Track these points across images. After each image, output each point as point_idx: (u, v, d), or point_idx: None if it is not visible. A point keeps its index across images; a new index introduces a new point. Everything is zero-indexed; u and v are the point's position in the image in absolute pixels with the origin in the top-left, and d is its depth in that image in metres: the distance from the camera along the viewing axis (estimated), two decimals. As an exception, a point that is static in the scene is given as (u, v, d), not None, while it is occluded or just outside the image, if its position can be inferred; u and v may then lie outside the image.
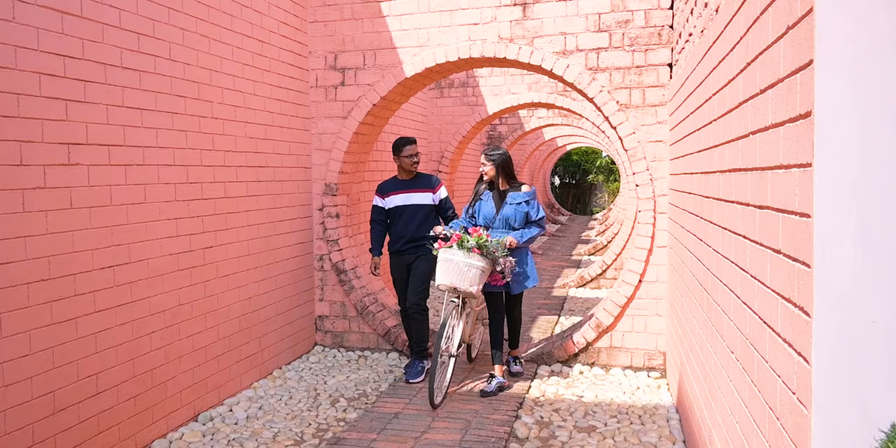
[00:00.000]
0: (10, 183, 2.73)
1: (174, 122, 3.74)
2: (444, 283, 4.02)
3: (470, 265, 3.97)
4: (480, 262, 4.00)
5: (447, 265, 4.01)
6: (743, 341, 1.94)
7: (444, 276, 4.02)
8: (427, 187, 4.79)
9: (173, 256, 3.73)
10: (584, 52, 4.81)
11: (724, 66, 2.36)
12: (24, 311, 2.79)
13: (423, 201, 4.76)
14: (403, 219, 4.73)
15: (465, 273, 3.98)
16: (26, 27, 2.81)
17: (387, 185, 4.87)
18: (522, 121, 11.62)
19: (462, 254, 3.97)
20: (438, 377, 3.98)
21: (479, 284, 4.06)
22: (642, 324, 4.66)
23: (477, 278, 4.02)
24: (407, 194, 4.76)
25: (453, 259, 3.98)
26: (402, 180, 4.82)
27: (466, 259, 3.97)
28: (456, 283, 3.99)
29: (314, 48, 5.37)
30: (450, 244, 4.04)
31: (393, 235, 4.81)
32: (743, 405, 1.92)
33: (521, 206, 4.36)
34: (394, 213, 4.78)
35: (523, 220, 4.36)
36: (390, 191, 4.80)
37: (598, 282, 8.40)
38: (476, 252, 3.97)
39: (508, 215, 4.36)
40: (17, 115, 2.76)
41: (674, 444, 3.43)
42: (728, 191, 2.25)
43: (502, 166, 4.44)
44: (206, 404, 4.04)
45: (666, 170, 4.58)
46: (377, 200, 4.86)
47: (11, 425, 2.73)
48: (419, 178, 4.84)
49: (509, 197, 4.40)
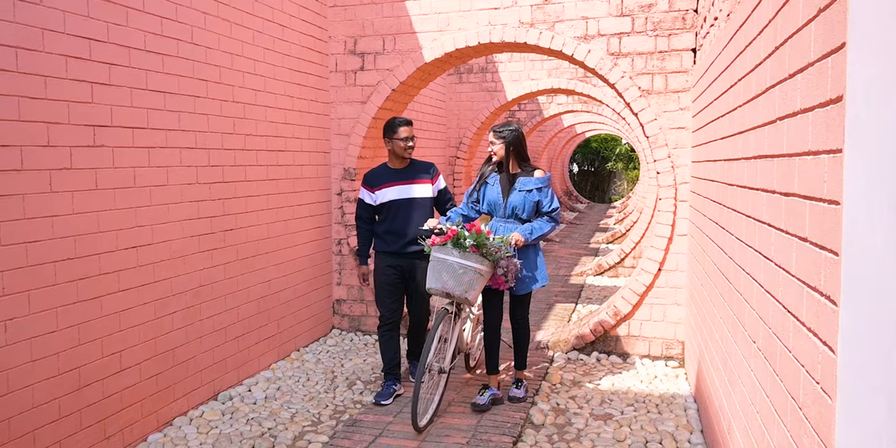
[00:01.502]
0: (38, 163, 2.77)
1: (196, 105, 3.77)
2: (434, 286, 3.46)
3: (466, 267, 3.39)
4: (478, 264, 3.41)
5: (440, 266, 3.44)
6: (765, 330, 1.92)
7: (435, 278, 3.45)
8: (426, 177, 4.07)
9: (195, 238, 3.77)
10: (605, 36, 4.74)
11: (750, 50, 2.31)
12: (51, 288, 2.85)
13: (424, 193, 4.04)
14: (402, 216, 3.99)
15: (460, 276, 3.39)
16: (53, 10, 2.84)
17: (376, 175, 4.07)
18: (542, 107, 11.52)
19: (457, 253, 3.39)
20: (424, 397, 3.43)
21: (477, 290, 3.49)
22: (661, 312, 4.64)
23: (474, 282, 3.44)
24: (403, 186, 4.01)
25: (447, 259, 3.41)
26: (396, 170, 4.06)
27: (462, 260, 3.39)
28: (449, 288, 3.42)
29: (334, 33, 5.35)
30: (443, 241, 3.44)
31: (388, 234, 4.02)
32: (764, 395, 1.91)
33: (532, 194, 3.73)
34: (387, 209, 4.01)
35: (533, 210, 3.76)
36: (382, 183, 4.02)
37: (616, 270, 8.36)
38: (474, 251, 3.41)
39: (516, 203, 3.74)
40: (44, 96, 2.80)
41: (691, 434, 3.43)
42: (753, 178, 2.21)
43: (514, 145, 3.77)
44: (226, 384, 4.11)
45: (688, 157, 4.52)
46: (364, 194, 4.07)
47: (39, 399, 2.80)
48: (415, 166, 4.10)
49: (519, 182, 3.77)
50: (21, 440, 2.72)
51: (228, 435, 3.46)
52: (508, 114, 11.78)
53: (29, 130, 2.74)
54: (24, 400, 2.74)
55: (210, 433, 3.51)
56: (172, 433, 3.49)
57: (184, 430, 3.52)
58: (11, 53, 2.65)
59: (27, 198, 2.73)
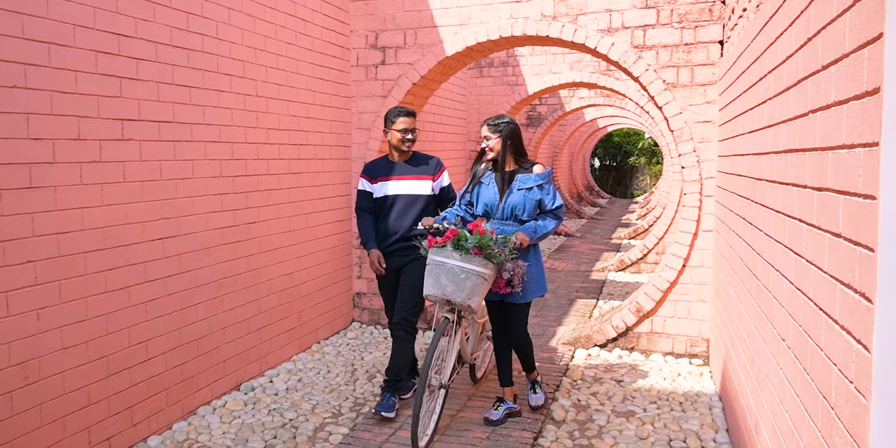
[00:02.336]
0: (69, 156, 2.82)
1: (220, 99, 3.80)
2: (433, 293, 3.12)
3: (468, 271, 3.06)
4: (482, 268, 3.08)
5: (439, 270, 3.10)
6: (795, 328, 1.89)
7: (434, 284, 3.12)
8: (426, 173, 3.77)
9: (218, 231, 3.82)
10: (629, 29, 4.68)
11: (781, 41, 2.27)
12: (80, 278, 2.90)
13: (421, 190, 3.74)
14: (395, 212, 3.72)
15: (461, 281, 3.06)
16: (83, 6, 2.88)
17: (376, 166, 3.83)
18: (563, 101, 11.43)
19: (458, 256, 3.06)
20: (425, 415, 3.15)
21: (480, 296, 3.13)
22: (685, 309, 4.59)
23: (477, 288, 3.09)
24: (401, 181, 3.74)
25: (447, 263, 3.08)
26: (395, 163, 3.79)
27: (464, 263, 3.06)
28: (449, 294, 3.07)
29: (355, 27, 5.36)
30: (442, 242, 3.12)
31: (379, 232, 3.77)
32: (794, 394, 1.88)
33: (533, 192, 3.37)
34: (382, 204, 3.76)
35: (534, 210, 3.39)
36: (380, 175, 3.78)
37: (638, 266, 8.29)
38: (476, 253, 3.08)
39: (516, 203, 3.37)
40: (75, 91, 2.84)
41: (716, 433, 3.39)
42: (783, 172, 2.17)
43: (510, 139, 3.42)
44: (248, 375, 4.16)
45: (714, 151, 4.45)
46: (364, 184, 3.83)
47: (70, 386, 2.87)
48: (416, 159, 3.81)
49: (517, 180, 3.40)
50: (52, 426, 2.79)
51: (251, 425, 3.51)
52: (529, 108, 11.72)
53: (60, 124, 2.79)
54: (55, 386, 2.80)
55: (233, 423, 3.55)
56: (196, 422, 3.54)
57: (207, 420, 3.57)
58: (44, 49, 2.70)
59: (59, 190, 2.78)
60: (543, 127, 11.63)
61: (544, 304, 6.49)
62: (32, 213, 2.67)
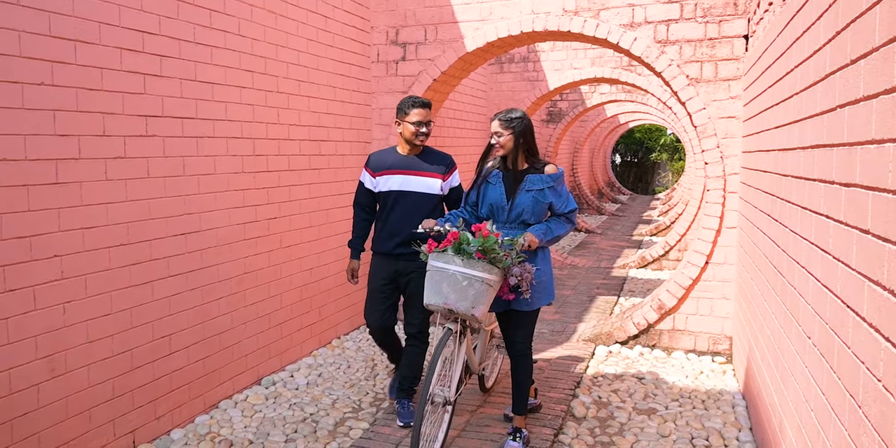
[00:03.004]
0: (94, 152, 2.87)
1: (242, 96, 3.83)
2: (434, 302, 2.85)
3: (471, 277, 2.78)
4: (486, 273, 2.79)
5: (439, 276, 2.83)
6: (821, 326, 1.86)
7: (434, 292, 2.84)
8: (437, 171, 3.43)
9: (240, 226, 3.85)
10: (652, 24, 4.62)
11: (808, 35, 2.22)
12: (105, 273, 2.95)
13: (430, 189, 3.41)
14: (400, 210, 3.40)
15: (464, 289, 2.78)
16: (109, 4, 2.92)
17: (382, 158, 3.49)
18: (584, 97, 11.34)
19: (460, 261, 2.79)
20: (427, 435, 2.84)
21: (486, 304, 2.85)
22: (708, 307, 4.54)
23: (482, 295, 2.81)
24: (408, 176, 3.40)
25: (448, 269, 2.80)
26: (404, 156, 3.45)
27: (466, 269, 2.78)
28: (451, 303, 2.81)
29: (376, 23, 5.36)
30: (442, 247, 2.85)
31: (382, 231, 3.46)
32: (819, 392, 1.85)
33: (543, 194, 3.07)
34: (385, 200, 3.43)
35: (543, 213, 3.13)
36: (386, 168, 3.44)
37: (659, 263, 8.21)
38: (480, 258, 2.80)
39: (524, 206, 3.08)
40: (100, 88, 2.89)
41: (740, 431, 3.35)
42: (809, 168, 2.13)
43: (523, 136, 3.11)
44: (269, 369, 4.20)
45: (738, 147, 4.39)
46: (365, 177, 3.52)
47: (95, 379, 2.92)
48: (428, 155, 3.48)
49: (527, 180, 3.10)
50: (78, 418, 2.84)
51: (272, 419, 3.54)
52: (550, 103, 11.65)
53: (86, 121, 2.83)
54: (81, 379, 2.85)
55: (254, 417, 3.59)
56: (218, 415, 3.59)
57: (229, 413, 3.61)
58: (70, 46, 2.74)
59: (84, 185, 2.83)
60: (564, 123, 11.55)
61: (564, 300, 6.45)
62: (59, 209, 2.72)
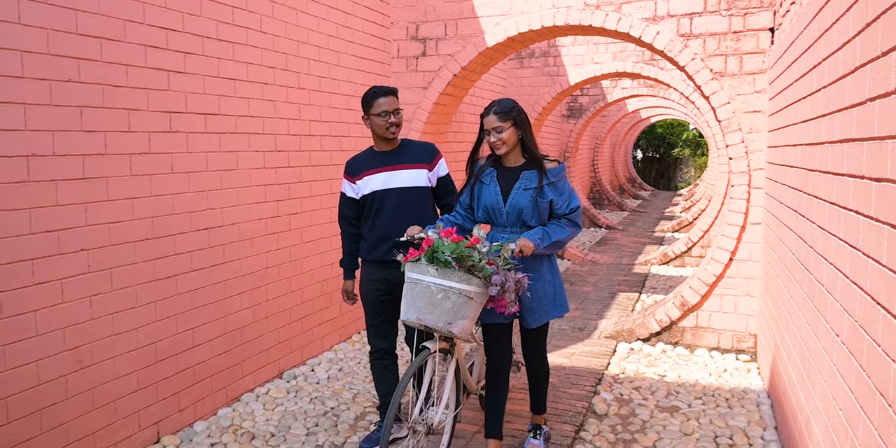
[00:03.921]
0: (120, 148, 2.91)
1: (264, 92, 3.86)
2: (408, 318, 2.52)
3: (446, 289, 2.43)
4: (465, 284, 2.43)
5: (414, 289, 2.50)
6: (850, 323, 1.82)
7: (408, 306, 2.52)
8: (419, 161, 3.09)
9: (262, 221, 3.89)
10: (675, 17, 4.56)
11: (837, 27, 2.17)
12: (130, 266, 3.00)
13: (416, 182, 3.06)
14: (387, 210, 3.04)
15: (439, 302, 2.44)
16: (134, 1, 2.95)
17: (358, 161, 3.12)
18: (605, 91, 11.24)
19: (434, 271, 2.45)
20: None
21: (468, 319, 2.49)
22: (732, 304, 4.48)
23: (461, 309, 2.45)
24: (390, 173, 3.04)
25: (422, 280, 2.48)
26: (381, 153, 3.10)
27: (441, 279, 2.43)
28: (427, 320, 2.46)
29: (396, 19, 5.36)
30: (416, 255, 2.52)
31: (370, 236, 3.09)
32: (848, 391, 1.81)
33: (543, 192, 2.73)
34: (371, 203, 3.06)
35: (546, 213, 2.76)
36: (365, 169, 3.06)
37: (682, 260, 8.12)
38: (458, 267, 2.45)
39: (522, 206, 2.73)
40: (125, 84, 2.93)
41: (765, 430, 3.30)
42: (838, 163, 2.09)
43: (524, 128, 2.78)
44: (290, 363, 4.24)
45: (763, 142, 4.31)
46: (346, 186, 3.13)
47: (120, 370, 2.97)
48: (407, 147, 3.13)
49: (524, 177, 2.77)
50: (104, 409, 2.89)
51: (293, 412, 3.58)
52: (570, 99, 11.56)
53: (112, 117, 2.87)
54: (107, 371, 2.90)
55: (276, 410, 3.63)
56: (241, 408, 3.63)
57: (251, 406, 3.65)
58: (96, 44, 2.78)
59: (110, 180, 2.87)
60: (585, 118, 11.46)
61: (585, 296, 6.42)
62: (86, 203, 2.77)
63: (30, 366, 2.57)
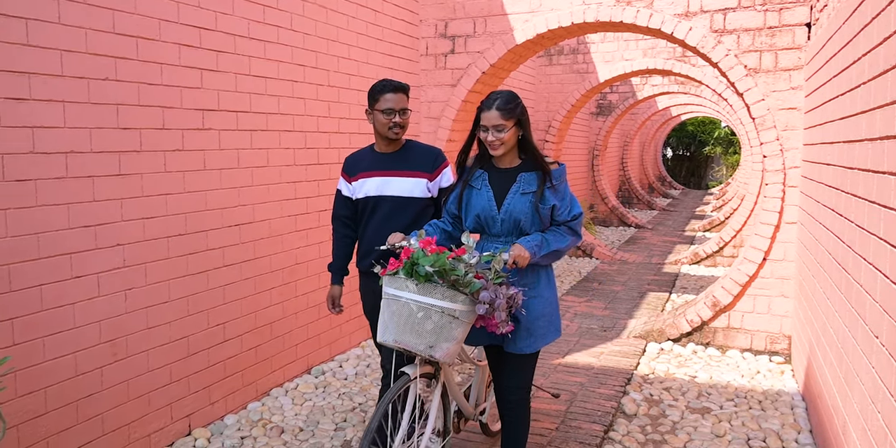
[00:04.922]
0: (154, 145, 2.97)
1: (294, 90, 3.89)
2: (385, 340, 2.20)
3: (427, 308, 2.13)
4: (448, 302, 2.13)
5: (393, 307, 2.19)
6: (891, 324, 1.77)
7: (385, 326, 2.20)
8: (420, 169, 2.77)
9: (291, 218, 3.93)
10: (708, 13, 4.48)
11: (877, 22, 2.11)
12: (164, 261, 3.06)
13: (412, 192, 2.75)
14: (377, 219, 2.76)
15: (419, 322, 2.13)
16: (169, 1, 3.01)
17: (357, 159, 2.87)
18: (635, 89, 11.10)
19: (414, 286, 2.13)
20: None
21: (453, 341, 2.17)
22: (765, 304, 4.39)
23: (444, 330, 2.14)
24: (386, 178, 2.75)
25: (400, 296, 2.16)
26: (382, 154, 2.81)
27: (421, 296, 2.13)
28: (405, 341, 2.16)
29: (425, 16, 5.37)
30: (394, 269, 2.20)
31: (361, 244, 2.86)
32: (888, 393, 1.76)
33: (543, 197, 2.40)
34: (364, 208, 2.80)
35: (547, 220, 2.42)
36: (361, 170, 2.81)
37: (713, 259, 7.99)
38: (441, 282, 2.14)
39: (518, 212, 2.39)
40: (160, 82, 2.98)
41: (799, 433, 3.23)
42: (878, 160, 2.03)
43: (525, 127, 2.42)
44: (319, 359, 4.28)
45: (799, 140, 4.21)
46: (342, 184, 2.89)
47: (154, 363, 3.03)
48: (410, 151, 2.82)
49: (521, 180, 2.42)
50: (138, 401, 2.96)
51: (321, 408, 3.61)
52: (600, 96, 11.45)
53: (147, 114, 2.93)
54: (141, 364, 2.97)
55: (304, 405, 3.67)
56: (270, 403, 3.68)
57: (280, 401, 3.70)
58: (132, 43, 2.84)
59: (145, 177, 2.93)
60: (614, 116, 11.34)
61: (614, 296, 6.35)
62: (121, 199, 2.83)
63: (68, 357, 2.64)
